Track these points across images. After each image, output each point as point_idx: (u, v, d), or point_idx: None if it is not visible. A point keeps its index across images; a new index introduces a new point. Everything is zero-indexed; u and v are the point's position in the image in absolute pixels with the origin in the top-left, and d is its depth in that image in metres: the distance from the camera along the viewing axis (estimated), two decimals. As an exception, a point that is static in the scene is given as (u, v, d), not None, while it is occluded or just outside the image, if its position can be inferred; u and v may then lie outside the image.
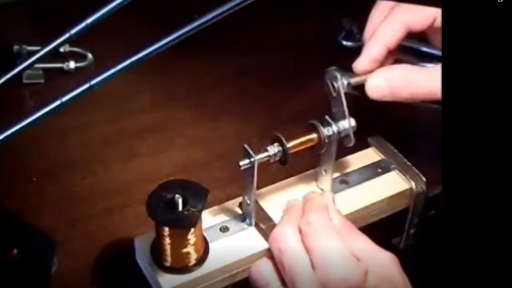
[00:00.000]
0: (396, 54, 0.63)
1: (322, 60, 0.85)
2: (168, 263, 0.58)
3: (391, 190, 0.65)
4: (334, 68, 0.83)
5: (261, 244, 0.60)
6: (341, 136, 0.62)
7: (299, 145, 0.61)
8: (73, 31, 0.56)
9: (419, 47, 0.76)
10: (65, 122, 0.75)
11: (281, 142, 0.60)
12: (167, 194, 0.57)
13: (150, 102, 0.81)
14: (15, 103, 0.79)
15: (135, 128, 0.77)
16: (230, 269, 0.59)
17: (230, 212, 0.63)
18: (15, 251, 0.60)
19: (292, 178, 0.66)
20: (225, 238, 0.61)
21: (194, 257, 0.58)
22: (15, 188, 0.70)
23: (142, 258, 0.60)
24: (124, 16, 0.58)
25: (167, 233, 0.57)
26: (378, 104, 0.62)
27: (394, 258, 0.57)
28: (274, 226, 0.60)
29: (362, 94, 0.63)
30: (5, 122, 0.54)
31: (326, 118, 0.62)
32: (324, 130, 0.62)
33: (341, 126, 0.62)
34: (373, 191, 0.65)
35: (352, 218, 0.62)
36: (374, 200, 0.65)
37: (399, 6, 0.61)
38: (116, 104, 0.80)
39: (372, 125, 0.64)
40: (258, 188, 0.61)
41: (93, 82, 0.53)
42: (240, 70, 0.85)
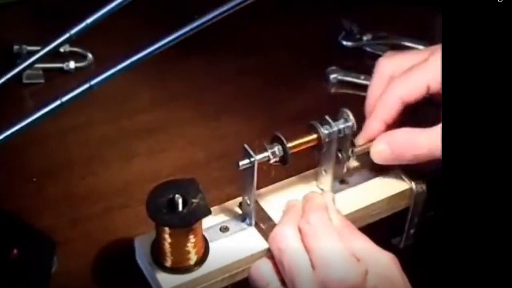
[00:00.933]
0: (399, 119, 0.65)
1: (322, 60, 0.86)
2: (168, 263, 0.58)
3: (391, 190, 0.65)
4: (334, 68, 0.84)
5: (261, 244, 0.60)
6: (341, 136, 0.62)
7: (299, 145, 0.61)
8: (73, 31, 0.56)
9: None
10: (65, 122, 0.75)
11: (281, 142, 0.60)
12: (167, 194, 0.57)
13: (150, 102, 0.81)
14: (15, 103, 0.79)
15: (135, 128, 0.77)
16: (230, 269, 0.59)
17: (230, 212, 0.63)
18: (15, 251, 0.60)
19: (292, 178, 0.66)
20: (225, 238, 0.61)
21: (194, 257, 0.58)
22: (15, 188, 0.70)
23: (142, 258, 0.60)
24: (124, 16, 0.58)
25: (167, 233, 0.57)
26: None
27: (394, 258, 0.57)
28: (274, 226, 0.60)
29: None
30: (5, 122, 0.54)
31: (326, 118, 0.62)
32: (324, 130, 0.62)
33: (341, 127, 0.62)
34: (373, 191, 0.65)
35: (352, 218, 0.62)
36: (374, 200, 0.64)
37: (394, 81, 0.63)
38: (116, 104, 0.80)
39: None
40: (258, 188, 0.61)
41: (93, 82, 0.54)
42: (240, 70, 0.85)
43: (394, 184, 0.66)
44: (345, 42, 0.88)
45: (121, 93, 0.79)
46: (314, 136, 0.62)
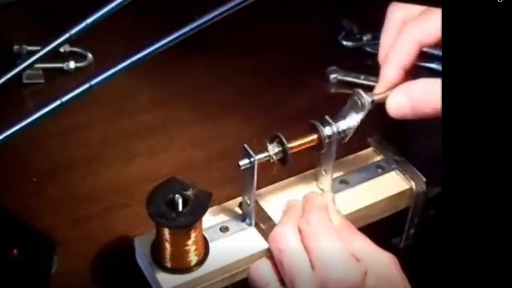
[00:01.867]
0: (414, 69, 0.62)
1: (322, 60, 0.86)
2: (168, 263, 0.58)
3: (391, 190, 0.65)
4: (334, 68, 0.84)
5: (261, 244, 0.60)
6: (341, 136, 0.62)
7: (299, 145, 0.61)
8: (73, 31, 0.56)
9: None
10: (65, 122, 0.75)
11: (281, 142, 0.60)
12: (167, 194, 0.57)
13: (150, 102, 0.81)
14: (15, 103, 0.79)
15: (135, 128, 0.77)
16: (230, 269, 0.59)
17: (230, 212, 0.63)
18: (15, 251, 0.60)
19: (292, 178, 0.66)
20: (225, 238, 0.61)
21: (194, 257, 0.58)
22: (15, 188, 0.70)
23: (142, 258, 0.60)
24: (124, 16, 0.59)
25: (167, 233, 0.57)
26: (378, 104, 0.62)
27: (394, 258, 0.57)
28: (274, 226, 0.60)
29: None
30: (5, 122, 0.54)
31: (326, 118, 0.62)
32: (324, 130, 0.62)
33: (341, 126, 0.62)
34: (373, 191, 0.65)
35: (352, 218, 0.62)
36: (374, 200, 0.65)
37: (409, 24, 0.61)
38: (116, 104, 0.80)
39: (372, 125, 0.64)
40: (258, 188, 0.61)
41: (93, 82, 0.54)
42: (240, 70, 0.85)
43: (394, 184, 0.66)
44: (345, 42, 0.88)
45: (121, 93, 0.79)
46: (314, 136, 0.62)
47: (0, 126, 0.54)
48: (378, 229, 0.65)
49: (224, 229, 0.61)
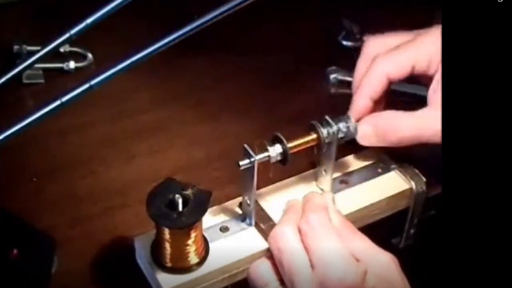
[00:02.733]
0: (383, 101, 0.66)
1: (322, 60, 0.86)
2: (168, 263, 0.58)
3: (391, 190, 0.65)
4: (334, 68, 0.84)
5: (261, 244, 0.60)
6: (340, 136, 0.62)
7: (299, 145, 0.61)
8: (73, 31, 0.56)
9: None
10: (65, 122, 0.75)
11: (281, 142, 0.60)
12: (167, 194, 0.57)
13: (150, 102, 0.81)
14: (15, 103, 0.79)
15: (135, 128, 0.77)
16: (230, 269, 0.59)
17: (230, 212, 0.63)
18: (15, 251, 0.60)
19: (292, 178, 0.66)
20: (225, 238, 0.61)
21: (194, 257, 0.58)
22: (15, 188, 0.70)
23: (142, 258, 0.60)
24: (124, 16, 0.58)
25: (167, 233, 0.57)
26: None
27: (394, 258, 0.57)
28: (274, 226, 0.60)
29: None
30: (5, 122, 0.54)
31: (326, 118, 0.62)
32: (324, 130, 0.62)
33: (341, 126, 0.62)
34: (373, 191, 0.65)
35: (352, 218, 0.62)
36: (374, 200, 0.65)
37: (379, 57, 0.64)
38: (116, 104, 0.80)
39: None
40: (258, 188, 0.61)
41: (93, 82, 0.54)
42: (240, 70, 0.85)
43: (394, 184, 0.66)
44: (345, 42, 0.88)
45: (121, 93, 0.79)
46: (314, 136, 0.62)
47: (0, 126, 0.54)
48: (378, 229, 0.65)
49: (224, 229, 0.61)
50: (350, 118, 0.64)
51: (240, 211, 0.63)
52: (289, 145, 0.60)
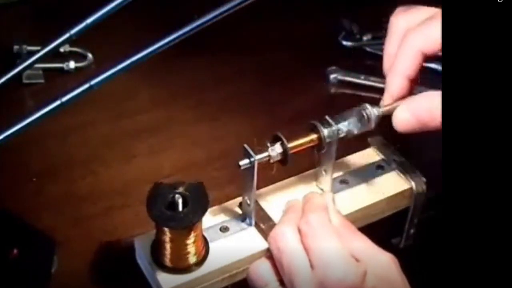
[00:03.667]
0: (418, 78, 0.62)
1: (322, 60, 0.86)
2: (168, 263, 0.58)
3: (391, 190, 0.65)
4: (334, 68, 0.84)
5: (261, 244, 0.60)
6: (340, 136, 0.62)
7: (299, 145, 0.61)
8: (73, 31, 0.56)
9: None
10: (65, 122, 0.75)
11: (281, 142, 0.60)
12: (167, 194, 0.57)
13: (150, 102, 0.81)
14: (15, 103, 0.79)
15: (135, 128, 0.77)
16: (230, 269, 0.59)
17: (230, 212, 0.63)
18: (15, 251, 0.60)
19: (292, 178, 0.66)
20: (225, 238, 0.61)
21: (194, 257, 0.58)
22: (15, 188, 0.70)
23: (142, 258, 0.60)
24: (124, 16, 0.59)
25: (167, 233, 0.57)
26: (378, 103, 0.62)
27: (394, 258, 0.57)
28: (274, 226, 0.60)
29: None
30: (5, 122, 0.54)
31: (326, 118, 0.62)
32: (324, 130, 0.61)
33: (341, 126, 0.62)
34: (373, 191, 0.65)
35: (352, 218, 0.62)
36: (374, 200, 0.65)
37: (410, 33, 0.60)
38: (116, 104, 0.80)
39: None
40: (258, 188, 0.61)
41: (93, 82, 0.54)
42: (240, 70, 0.85)
43: (394, 184, 0.66)
44: (345, 42, 0.88)
45: (121, 93, 0.79)
46: (314, 136, 0.62)
47: (0, 126, 0.54)
48: (378, 229, 0.65)
49: (224, 229, 0.61)
50: (368, 107, 0.61)
51: (240, 211, 0.63)
52: (289, 145, 0.60)
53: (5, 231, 0.63)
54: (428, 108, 0.59)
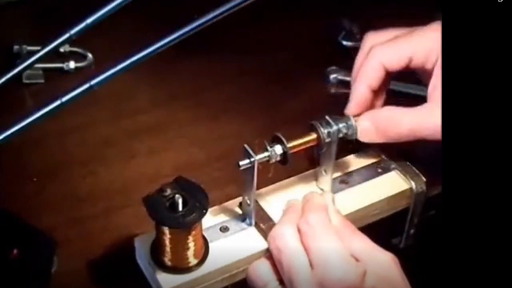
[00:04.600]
0: (383, 96, 0.67)
1: (322, 60, 0.86)
2: (168, 263, 0.58)
3: (391, 190, 0.65)
4: (334, 68, 0.84)
5: (261, 244, 0.60)
6: (340, 136, 0.62)
7: (299, 145, 0.61)
8: (73, 31, 0.57)
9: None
10: (65, 122, 0.75)
11: (281, 142, 0.60)
12: (167, 194, 0.57)
13: (150, 102, 0.81)
14: (15, 103, 0.79)
15: (135, 128, 0.77)
16: (230, 269, 0.59)
17: (230, 212, 0.63)
18: (15, 251, 0.60)
19: (292, 178, 0.66)
20: (225, 238, 0.61)
21: (194, 257, 0.58)
22: (15, 188, 0.70)
23: (142, 258, 0.60)
24: (124, 16, 0.59)
25: (167, 233, 0.57)
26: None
27: (394, 258, 0.57)
28: (274, 226, 0.60)
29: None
30: (5, 122, 0.54)
31: (326, 118, 0.62)
32: (324, 130, 0.62)
33: (341, 126, 0.62)
34: (373, 191, 0.65)
35: (352, 218, 0.62)
36: (374, 200, 0.65)
37: (373, 47, 0.64)
38: (116, 104, 0.80)
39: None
40: (258, 188, 0.61)
41: (93, 82, 0.54)
42: (240, 70, 0.85)
43: (394, 184, 0.66)
44: (345, 42, 0.88)
45: (121, 93, 0.79)
46: (314, 136, 0.62)
47: (0, 126, 0.54)
48: (378, 229, 0.65)
49: (224, 229, 0.61)
50: (351, 118, 0.63)
51: (240, 211, 0.63)
52: (289, 145, 0.60)
53: (5, 231, 0.63)
54: (387, 116, 0.63)
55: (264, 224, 0.61)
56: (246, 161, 0.59)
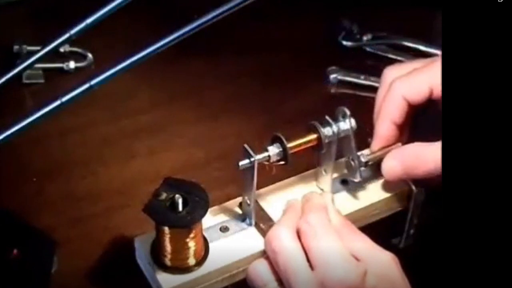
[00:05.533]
0: (407, 132, 0.65)
1: (322, 60, 0.86)
2: (168, 263, 0.58)
3: (391, 191, 0.65)
4: (334, 68, 0.84)
5: (261, 244, 0.60)
6: (340, 136, 0.62)
7: (299, 145, 0.61)
8: (73, 31, 0.56)
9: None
10: (65, 122, 0.75)
11: (281, 142, 0.60)
12: (167, 194, 0.57)
13: (150, 102, 0.81)
14: (15, 103, 0.79)
15: (135, 128, 0.77)
16: (230, 269, 0.59)
17: (230, 212, 0.63)
18: (15, 251, 0.60)
19: (292, 178, 0.66)
20: (225, 238, 0.61)
21: (194, 257, 0.58)
22: (15, 188, 0.70)
23: (142, 258, 0.60)
24: (124, 16, 0.58)
25: (167, 233, 0.57)
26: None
27: (394, 258, 0.57)
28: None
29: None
30: (5, 122, 0.54)
31: (326, 118, 0.62)
32: (324, 131, 0.62)
33: (341, 126, 0.62)
34: (373, 191, 0.65)
35: (352, 218, 0.62)
36: (374, 200, 0.64)
37: (395, 81, 0.63)
38: (116, 104, 0.80)
39: (372, 125, 0.64)
40: (258, 188, 0.61)
41: (93, 82, 0.54)
42: (240, 70, 0.85)
43: (394, 184, 0.66)
44: (345, 42, 0.88)
45: (121, 93, 0.79)
46: (314, 136, 0.62)
47: (0, 126, 0.54)
48: (378, 229, 0.65)
49: (224, 229, 0.61)
50: (347, 112, 0.62)
51: (240, 211, 0.63)
52: (289, 145, 0.60)
53: (5, 231, 0.63)
54: (415, 156, 0.62)
55: (264, 224, 0.61)
56: (246, 161, 0.59)
